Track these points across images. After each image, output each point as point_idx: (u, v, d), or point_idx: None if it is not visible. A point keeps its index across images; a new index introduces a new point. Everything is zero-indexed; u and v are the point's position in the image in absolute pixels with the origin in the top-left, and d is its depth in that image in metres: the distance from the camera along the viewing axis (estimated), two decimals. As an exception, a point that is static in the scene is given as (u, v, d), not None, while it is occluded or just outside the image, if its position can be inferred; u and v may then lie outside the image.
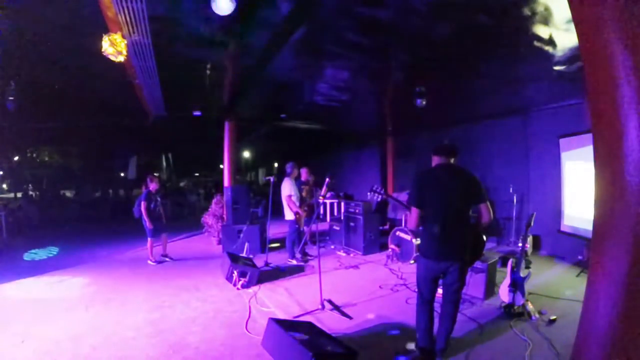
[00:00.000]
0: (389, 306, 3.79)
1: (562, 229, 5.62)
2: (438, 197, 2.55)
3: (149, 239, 5.75)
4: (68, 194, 16.60)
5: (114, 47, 3.27)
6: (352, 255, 6.15)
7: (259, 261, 5.33)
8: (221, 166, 9.24)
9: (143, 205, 5.52)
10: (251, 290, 4.29)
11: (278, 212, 5.94)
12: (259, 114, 8.38)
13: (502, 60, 4.18)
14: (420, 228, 2.68)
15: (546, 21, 3.10)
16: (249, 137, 13.48)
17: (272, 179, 5.55)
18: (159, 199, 5.80)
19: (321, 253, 4.74)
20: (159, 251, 5.97)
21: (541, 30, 3.29)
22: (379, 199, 3.25)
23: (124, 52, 3.36)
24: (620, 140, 1.34)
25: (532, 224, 3.82)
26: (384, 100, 6.81)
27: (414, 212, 2.60)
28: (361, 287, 4.43)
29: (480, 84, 5.16)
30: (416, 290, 2.81)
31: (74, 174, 17.78)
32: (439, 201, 2.54)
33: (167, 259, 5.93)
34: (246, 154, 22.67)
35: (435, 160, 2.73)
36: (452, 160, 2.68)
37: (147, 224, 5.58)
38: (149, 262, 5.77)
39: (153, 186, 5.67)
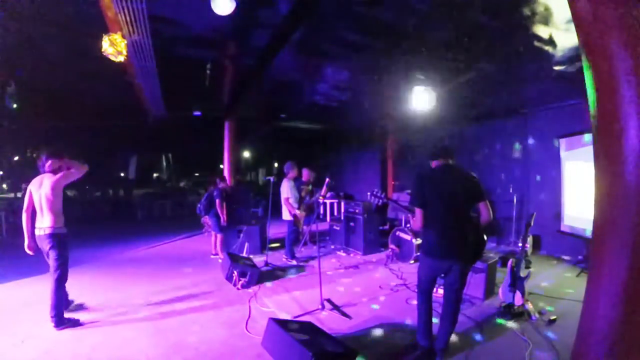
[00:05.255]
0: (389, 306, 3.79)
1: (562, 229, 5.62)
2: (439, 198, 2.57)
3: (217, 234, 5.96)
4: (68, 193, 16.58)
5: (114, 47, 3.28)
6: (352, 255, 6.15)
7: (259, 261, 5.33)
8: (221, 166, 9.25)
9: (218, 202, 5.74)
10: (251, 290, 4.29)
11: (278, 212, 5.94)
12: (259, 114, 8.39)
13: (502, 60, 4.18)
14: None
15: (546, 21, 3.11)
16: (249, 137, 13.48)
17: (272, 179, 5.54)
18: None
19: (321, 253, 4.73)
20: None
21: (541, 30, 3.29)
22: (379, 203, 3.17)
23: (124, 52, 3.37)
24: (620, 140, 1.34)
25: (532, 224, 3.82)
26: (384, 100, 6.81)
27: (418, 212, 2.62)
28: (361, 287, 4.43)
29: (480, 83, 5.16)
30: (416, 289, 2.84)
31: (74, 174, 17.72)
32: (441, 201, 2.56)
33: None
34: (246, 154, 22.67)
35: (434, 164, 2.77)
36: (450, 161, 2.72)
37: (222, 219, 5.81)
38: (218, 258, 5.86)
39: (223, 185, 5.95)
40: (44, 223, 3.26)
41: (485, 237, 2.84)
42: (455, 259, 2.55)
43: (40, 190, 3.29)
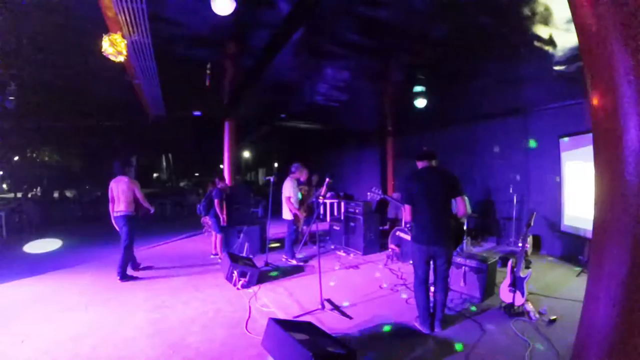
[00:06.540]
0: (389, 306, 3.79)
1: (563, 228, 5.61)
2: (426, 194, 3.08)
3: (217, 234, 5.94)
4: (68, 193, 16.58)
5: (114, 47, 3.28)
6: (352, 255, 6.14)
7: (259, 261, 5.33)
8: (221, 166, 9.25)
9: (216, 202, 5.70)
10: (251, 290, 4.29)
11: (278, 212, 5.94)
12: (259, 114, 8.39)
13: (502, 60, 4.18)
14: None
15: (546, 21, 3.11)
16: (249, 137, 13.49)
17: (272, 179, 5.54)
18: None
19: (321, 253, 4.73)
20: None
21: (541, 30, 3.29)
22: (377, 198, 3.79)
23: (124, 52, 3.37)
24: (620, 140, 1.34)
25: (532, 224, 3.82)
26: (384, 100, 6.81)
27: (407, 208, 3.18)
28: (361, 287, 4.43)
29: (480, 83, 5.16)
30: (413, 281, 3.24)
31: (74, 174, 17.76)
32: (427, 197, 3.07)
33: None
34: (246, 154, 22.69)
35: (419, 165, 3.30)
36: (433, 163, 3.22)
37: (222, 219, 5.78)
38: (218, 258, 5.82)
39: (222, 185, 5.92)
40: (120, 208, 4.80)
41: (464, 227, 3.39)
42: (440, 245, 3.04)
43: (118, 186, 4.81)
